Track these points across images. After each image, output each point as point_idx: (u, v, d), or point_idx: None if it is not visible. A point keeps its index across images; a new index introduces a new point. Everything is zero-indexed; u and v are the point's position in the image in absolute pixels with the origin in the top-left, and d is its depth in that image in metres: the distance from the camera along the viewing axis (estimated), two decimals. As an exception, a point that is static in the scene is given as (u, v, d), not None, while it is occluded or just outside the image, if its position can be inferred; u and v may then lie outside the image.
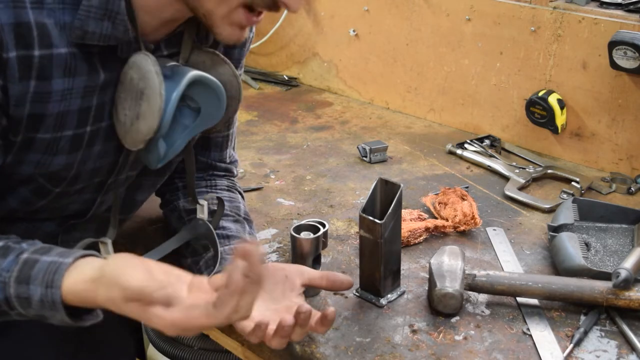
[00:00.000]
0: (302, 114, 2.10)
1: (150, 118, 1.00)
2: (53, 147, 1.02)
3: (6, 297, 0.92)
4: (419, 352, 1.10)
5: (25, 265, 0.92)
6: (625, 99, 1.63)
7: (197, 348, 1.56)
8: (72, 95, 1.00)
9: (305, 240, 1.20)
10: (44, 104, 0.98)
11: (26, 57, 0.94)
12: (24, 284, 0.91)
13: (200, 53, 1.11)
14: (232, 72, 1.11)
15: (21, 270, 0.92)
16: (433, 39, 1.95)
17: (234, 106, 1.13)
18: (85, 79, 1.00)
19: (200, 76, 1.05)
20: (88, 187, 1.13)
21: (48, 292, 0.90)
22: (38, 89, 0.96)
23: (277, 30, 2.29)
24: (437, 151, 1.83)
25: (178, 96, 1.02)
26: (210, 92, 1.08)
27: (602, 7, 1.64)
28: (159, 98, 0.99)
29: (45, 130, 1.00)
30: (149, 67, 0.99)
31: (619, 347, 1.11)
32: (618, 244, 1.34)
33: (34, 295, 0.91)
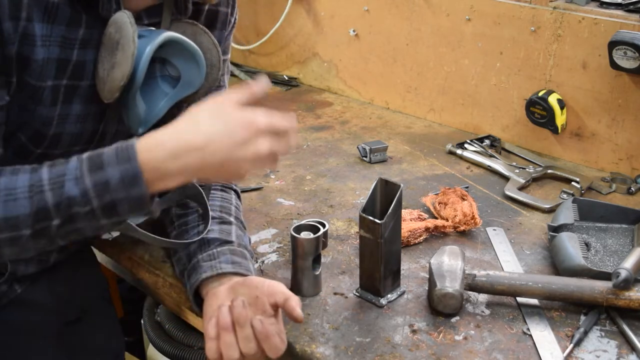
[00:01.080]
0: (302, 114, 2.10)
1: (124, 64, 1.02)
2: (37, 95, 1.04)
3: (83, 191, 0.94)
4: (419, 352, 1.10)
5: (92, 157, 0.96)
6: (625, 99, 1.63)
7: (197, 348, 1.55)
8: (51, 42, 1.02)
9: (305, 240, 1.20)
10: (30, 47, 1.00)
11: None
12: (99, 170, 0.94)
13: (181, 24, 1.14)
14: (211, 41, 1.13)
15: (91, 161, 0.95)
16: (433, 39, 1.95)
17: (214, 75, 1.15)
18: (64, 29, 1.02)
19: (176, 37, 1.07)
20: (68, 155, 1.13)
21: (128, 166, 0.94)
22: (25, 29, 0.98)
23: (277, 30, 2.29)
24: (437, 151, 1.83)
25: (152, 49, 1.04)
26: (188, 56, 1.10)
27: (602, 7, 1.64)
28: (132, 44, 1.01)
29: (31, 75, 1.02)
30: (124, 19, 1.02)
31: (619, 347, 1.11)
32: (618, 244, 1.34)
33: (112, 176, 0.94)
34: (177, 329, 1.57)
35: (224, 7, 1.24)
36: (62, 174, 0.95)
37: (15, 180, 0.95)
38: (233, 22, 1.29)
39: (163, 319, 1.61)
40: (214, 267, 1.14)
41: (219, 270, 1.13)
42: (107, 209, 0.95)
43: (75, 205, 0.95)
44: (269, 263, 1.34)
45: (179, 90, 1.13)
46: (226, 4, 1.25)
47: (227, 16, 1.26)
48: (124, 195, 0.94)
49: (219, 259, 1.16)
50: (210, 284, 1.13)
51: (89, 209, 0.95)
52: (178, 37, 1.08)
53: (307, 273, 1.22)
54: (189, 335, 1.56)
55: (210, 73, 1.15)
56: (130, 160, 0.94)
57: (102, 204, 0.95)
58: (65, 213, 0.95)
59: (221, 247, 1.18)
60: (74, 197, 0.94)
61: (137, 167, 0.94)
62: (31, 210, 0.95)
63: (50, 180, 0.95)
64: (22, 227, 0.95)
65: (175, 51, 1.10)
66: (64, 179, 0.95)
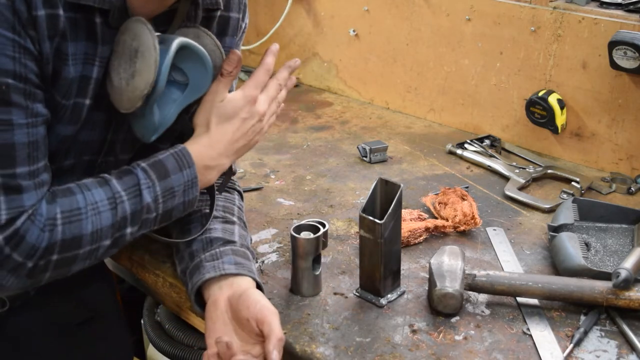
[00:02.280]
0: (302, 114, 2.10)
1: (146, 72, 1.03)
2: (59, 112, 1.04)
3: (154, 197, 1.06)
4: (419, 352, 1.10)
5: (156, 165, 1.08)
6: (625, 99, 1.63)
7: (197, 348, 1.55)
8: (76, 60, 1.02)
9: (305, 240, 1.20)
10: (63, 65, 1.01)
11: (53, 15, 0.97)
12: (166, 177, 1.07)
13: (184, 29, 1.14)
14: (214, 43, 1.14)
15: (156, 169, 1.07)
16: (433, 39, 1.95)
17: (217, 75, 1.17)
18: (84, 44, 1.02)
19: (189, 42, 1.08)
20: (78, 165, 1.14)
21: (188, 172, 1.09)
22: (59, 47, 0.99)
23: (277, 30, 2.29)
24: (437, 151, 1.83)
25: (172, 56, 1.04)
26: (197, 60, 1.10)
27: (602, 7, 1.64)
28: (153, 51, 1.02)
29: (58, 91, 1.03)
30: (141, 26, 1.02)
31: (619, 347, 1.11)
32: (618, 244, 1.34)
33: (177, 182, 1.09)
34: (177, 329, 1.57)
35: (235, 13, 1.23)
36: (135, 185, 1.04)
37: (92, 195, 1.02)
38: (244, 27, 1.29)
39: (163, 319, 1.61)
40: (217, 268, 1.14)
41: (222, 272, 1.13)
42: (165, 215, 1.09)
43: (146, 211, 1.06)
44: (269, 263, 1.34)
45: (187, 95, 1.13)
46: (237, 9, 1.23)
47: (239, 21, 1.25)
48: (182, 200, 1.10)
49: (222, 259, 1.16)
50: (211, 287, 1.13)
51: (154, 216, 1.07)
52: (190, 42, 1.08)
53: (307, 273, 1.22)
54: (189, 335, 1.56)
55: (215, 75, 1.15)
56: (190, 167, 1.09)
57: (164, 210, 1.08)
58: (139, 220, 1.05)
59: (224, 247, 1.18)
60: (149, 204, 1.06)
61: (195, 172, 1.10)
62: (114, 220, 1.02)
63: (127, 190, 1.04)
64: (104, 238, 1.03)
65: (185, 57, 1.09)
66: (139, 188, 1.05)
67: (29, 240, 0.96)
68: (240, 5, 1.24)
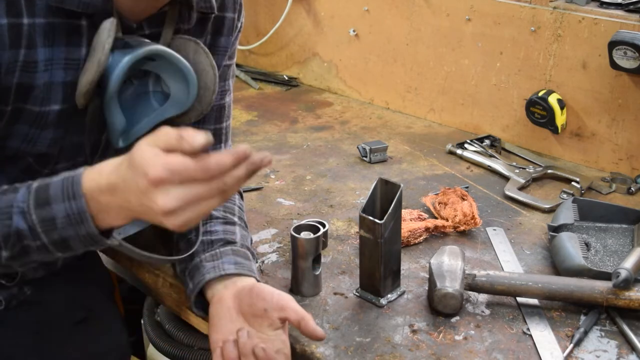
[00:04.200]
0: (302, 114, 2.10)
1: (89, 71, 1.00)
2: (41, 120, 1.03)
3: (29, 226, 0.91)
4: (419, 352, 1.10)
5: (39, 190, 0.92)
6: (625, 99, 1.63)
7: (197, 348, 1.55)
8: (53, 65, 1.01)
9: (306, 240, 1.20)
10: (32, 74, 0.99)
11: (16, 24, 0.94)
12: (45, 205, 0.91)
13: (183, 40, 1.11)
14: (209, 63, 1.11)
15: (37, 195, 0.92)
16: (433, 39, 1.95)
17: (207, 97, 1.12)
18: (64, 50, 1.01)
19: (164, 51, 1.04)
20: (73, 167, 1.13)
21: (72, 204, 0.89)
22: (26, 57, 0.97)
23: (277, 30, 2.29)
24: (437, 151, 1.83)
25: (130, 60, 1.01)
26: (179, 74, 1.07)
27: (602, 7, 1.64)
28: (100, 51, 0.99)
29: (33, 102, 1.01)
30: (105, 25, 1.00)
31: (619, 347, 1.11)
32: (618, 244, 1.34)
33: (58, 213, 0.90)
34: (177, 329, 1.57)
35: (230, 13, 1.22)
36: (9, 205, 0.92)
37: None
38: (240, 26, 1.28)
39: (163, 319, 1.60)
40: (217, 268, 1.14)
41: (222, 272, 1.13)
42: (59, 244, 0.93)
43: (25, 239, 0.92)
44: (269, 263, 1.34)
45: (167, 108, 1.10)
46: (232, 8, 1.23)
47: (234, 21, 1.24)
48: (73, 233, 0.91)
49: (222, 259, 1.16)
50: (214, 286, 1.13)
51: (40, 244, 0.93)
52: (165, 51, 1.04)
53: (307, 273, 1.22)
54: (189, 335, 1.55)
55: (204, 95, 1.11)
56: (76, 198, 0.90)
57: (52, 240, 0.92)
58: (15, 245, 0.93)
59: (224, 248, 1.18)
60: (22, 231, 0.92)
61: (83, 205, 0.90)
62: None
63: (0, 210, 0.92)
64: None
65: (166, 67, 1.06)
66: (11, 210, 0.92)
67: None
68: (235, 4, 1.23)
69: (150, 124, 1.10)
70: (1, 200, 0.93)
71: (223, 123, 1.34)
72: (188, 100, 1.09)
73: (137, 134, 1.09)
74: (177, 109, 1.10)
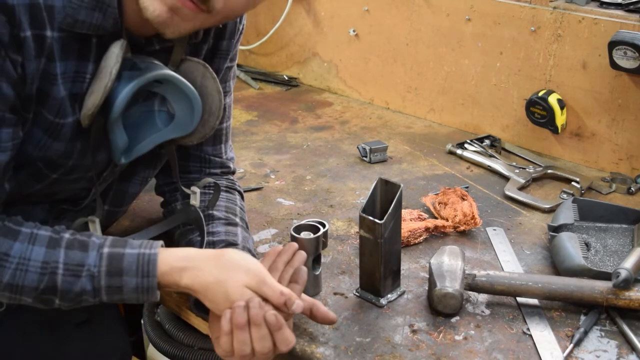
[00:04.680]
0: (302, 114, 2.10)
1: (95, 94, 1.02)
2: (54, 130, 1.04)
3: (95, 288, 1.00)
4: (419, 352, 1.10)
5: (113, 260, 1.01)
6: (625, 99, 1.63)
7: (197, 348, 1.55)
8: (66, 78, 1.02)
9: (305, 240, 1.20)
10: (51, 85, 1.01)
11: (40, 36, 0.97)
12: (117, 276, 1.00)
13: (193, 63, 1.12)
14: (217, 89, 1.12)
15: (110, 264, 1.00)
16: (433, 39, 1.95)
17: (212, 122, 1.14)
18: (75, 63, 1.02)
19: (171, 76, 1.06)
20: (83, 178, 1.14)
21: (144, 281, 1.01)
22: (46, 67, 0.99)
23: (277, 30, 2.29)
24: (437, 151, 1.83)
25: (135, 86, 1.03)
26: (184, 98, 1.09)
27: (602, 7, 1.64)
28: (107, 75, 1.01)
29: (49, 110, 1.02)
30: (114, 49, 1.02)
31: (619, 347, 1.11)
32: (618, 244, 1.34)
33: (128, 284, 1.01)
34: (177, 329, 1.57)
35: None
36: (79, 264, 1.00)
37: (31, 251, 0.99)
38: (241, 29, 1.29)
39: (163, 319, 1.61)
40: None
41: None
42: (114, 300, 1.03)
43: (85, 295, 1.01)
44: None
45: (172, 129, 1.12)
46: None
47: (236, 25, 1.25)
48: (134, 297, 1.02)
49: None
50: None
51: (97, 300, 1.03)
52: (171, 75, 1.07)
53: (307, 273, 1.22)
54: (189, 335, 1.55)
55: (208, 120, 1.13)
56: (150, 276, 1.01)
57: (110, 299, 1.03)
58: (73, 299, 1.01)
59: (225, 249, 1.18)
60: (87, 291, 1.01)
61: (154, 283, 1.01)
62: (39, 285, 0.99)
63: (66, 265, 0.99)
64: (25, 295, 1.00)
65: (173, 90, 1.08)
66: (81, 273, 1.00)
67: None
68: None
69: (153, 143, 1.12)
70: (69, 256, 1.00)
71: (223, 124, 1.35)
72: (192, 124, 1.12)
73: (139, 152, 1.12)
74: (180, 131, 1.13)
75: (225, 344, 1.02)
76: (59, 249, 1.00)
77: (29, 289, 0.99)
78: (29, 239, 0.99)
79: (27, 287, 0.98)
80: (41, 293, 0.99)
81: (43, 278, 0.98)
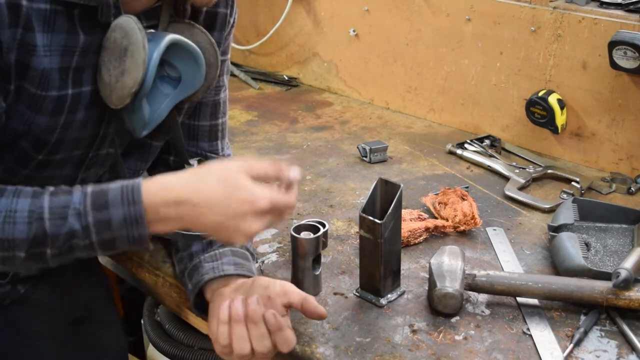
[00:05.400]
0: (302, 114, 2.10)
1: (135, 71, 1.02)
2: (37, 104, 1.04)
3: (82, 227, 0.96)
4: (419, 352, 1.10)
5: (97, 194, 0.97)
6: (625, 99, 1.63)
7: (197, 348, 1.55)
8: (52, 52, 1.01)
9: (305, 240, 1.20)
10: (30, 56, 1.00)
11: (15, 5, 0.96)
12: (103, 208, 0.96)
13: (178, 25, 1.14)
14: (209, 40, 1.14)
15: (95, 198, 0.97)
16: (433, 39, 1.95)
17: (212, 74, 1.15)
18: (64, 37, 1.02)
19: (179, 39, 1.08)
20: (69, 159, 1.13)
21: (131, 209, 0.96)
22: (24, 38, 0.98)
23: (277, 30, 2.29)
24: (437, 151, 1.83)
25: (159, 54, 1.04)
26: (189, 57, 1.11)
27: (602, 7, 1.64)
28: (142, 51, 1.02)
29: (30, 82, 1.02)
30: (131, 24, 1.02)
31: (619, 347, 1.11)
32: (618, 244, 1.34)
33: (115, 216, 0.96)
34: (177, 329, 1.57)
35: (222, 8, 1.24)
36: (65, 206, 0.97)
37: (16, 203, 0.97)
38: (232, 22, 1.28)
39: (163, 319, 1.61)
40: (216, 269, 1.14)
41: (222, 273, 1.13)
42: (106, 243, 0.98)
43: (75, 238, 0.97)
44: (269, 263, 1.34)
45: (180, 91, 1.13)
46: (225, 4, 1.24)
47: (226, 17, 1.25)
48: (125, 234, 0.97)
49: (221, 260, 1.16)
50: (214, 286, 1.13)
51: (87, 243, 0.98)
52: (181, 39, 1.08)
53: (307, 273, 1.22)
54: (189, 335, 1.56)
55: (209, 72, 1.15)
56: (135, 204, 0.96)
57: (101, 239, 0.97)
58: (63, 244, 0.97)
59: (223, 248, 1.18)
60: (76, 231, 0.97)
61: (141, 210, 0.96)
62: (28, 235, 0.96)
63: (51, 209, 0.97)
64: (17, 250, 0.97)
65: (177, 53, 1.10)
66: (67, 212, 0.97)
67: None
68: (228, 1, 1.25)
69: (168, 109, 1.13)
70: (53, 201, 0.97)
71: (219, 119, 1.34)
72: (199, 81, 1.13)
73: (156, 121, 1.13)
74: (190, 90, 1.14)
75: (222, 335, 1.01)
76: (43, 196, 0.98)
77: (19, 240, 0.96)
78: (13, 193, 0.98)
79: (18, 239, 0.96)
80: (32, 244, 0.97)
81: (31, 227, 0.96)
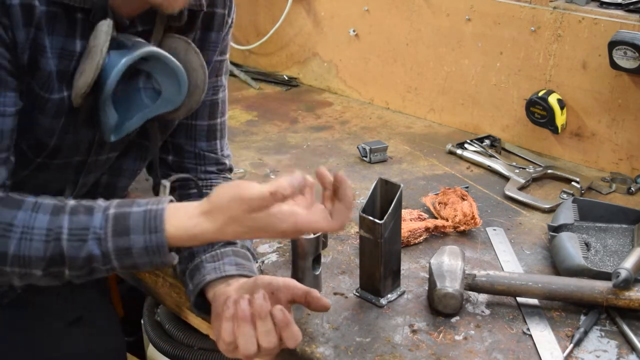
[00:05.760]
0: (302, 114, 2.10)
1: (87, 73, 1.02)
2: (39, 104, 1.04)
3: (103, 253, 0.95)
4: (419, 352, 1.10)
5: (118, 219, 0.95)
6: (625, 99, 1.63)
7: (197, 348, 1.55)
8: (53, 54, 1.02)
9: (305, 240, 1.20)
10: (40, 57, 1.00)
11: (28, 5, 0.96)
12: (124, 235, 0.95)
13: (174, 39, 1.13)
14: (200, 63, 1.13)
15: (116, 223, 0.95)
16: (433, 39, 1.95)
17: (197, 96, 1.15)
18: (62, 40, 1.03)
19: (158, 52, 1.07)
20: (69, 164, 1.14)
21: (152, 237, 0.94)
22: (36, 38, 0.99)
23: (277, 30, 2.29)
24: (437, 151, 1.83)
25: (128, 61, 1.03)
26: (170, 74, 1.10)
27: (602, 7, 1.64)
28: (98, 54, 1.01)
29: (37, 82, 1.02)
30: (102, 27, 1.02)
31: (619, 347, 1.11)
32: (618, 244, 1.34)
33: (135, 243, 0.95)
34: (177, 329, 1.57)
35: (220, 9, 1.23)
36: (85, 227, 0.95)
37: (35, 219, 0.95)
38: (230, 22, 1.28)
39: (163, 319, 1.61)
40: (217, 269, 1.13)
41: (223, 273, 1.12)
42: (127, 267, 0.98)
43: (95, 262, 0.96)
44: (269, 263, 1.34)
45: (158, 105, 1.13)
46: (222, 5, 1.23)
47: (224, 17, 1.25)
48: (147, 260, 0.96)
49: (223, 260, 1.15)
50: (216, 286, 1.12)
51: (108, 267, 0.97)
52: (160, 52, 1.07)
53: (307, 273, 1.22)
54: (189, 335, 1.56)
55: (193, 93, 1.14)
56: (157, 232, 0.95)
57: (122, 264, 0.97)
58: (83, 267, 0.96)
59: (224, 248, 1.17)
60: (95, 256, 0.95)
61: (163, 239, 0.95)
62: (45, 254, 0.95)
63: (71, 230, 0.95)
64: (34, 267, 0.96)
65: (159, 66, 1.09)
66: (86, 236, 0.95)
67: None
68: (225, 1, 1.24)
69: (142, 120, 1.13)
70: (73, 222, 0.95)
71: (217, 119, 1.33)
72: (179, 99, 1.13)
73: (128, 129, 1.13)
74: (168, 106, 1.13)
75: (226, 333, 0.99)
76: (63, 214, 0.95)
77: (36, 259, 0.94)
78: (32, 207, 0.96)
79: (34, 257, 0.94)
80: (49, 264, 0.95)
81: (48, 246, 0.94)
